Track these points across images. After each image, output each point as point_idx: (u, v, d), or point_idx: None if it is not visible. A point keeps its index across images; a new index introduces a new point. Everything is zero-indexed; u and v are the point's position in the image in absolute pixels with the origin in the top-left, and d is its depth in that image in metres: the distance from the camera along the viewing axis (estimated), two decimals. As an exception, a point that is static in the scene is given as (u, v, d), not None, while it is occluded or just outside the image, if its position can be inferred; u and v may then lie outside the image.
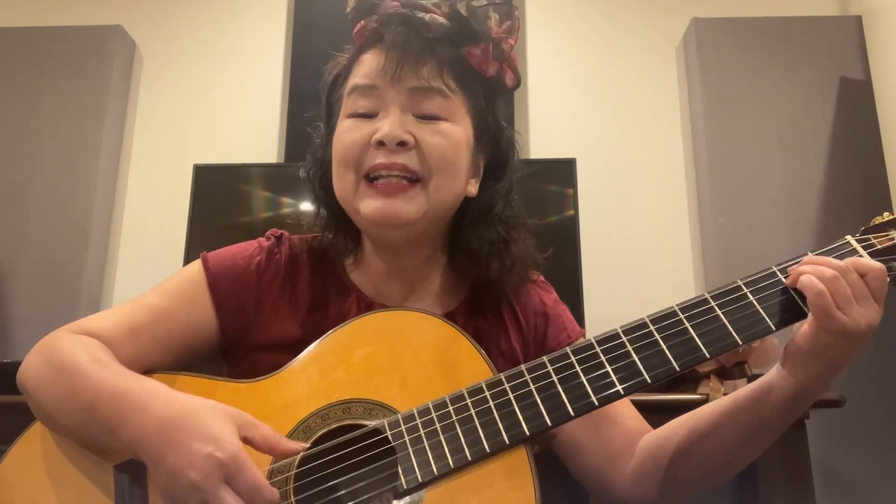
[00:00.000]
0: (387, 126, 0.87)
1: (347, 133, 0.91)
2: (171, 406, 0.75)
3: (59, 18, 2.52)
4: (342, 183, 0.92)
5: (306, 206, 1.04)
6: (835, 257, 0.79)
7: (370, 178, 0.89)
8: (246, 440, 0.73)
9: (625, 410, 0.96)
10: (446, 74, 0.90)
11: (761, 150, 2.22)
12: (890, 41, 2.12)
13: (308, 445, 0.77)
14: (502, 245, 0.96)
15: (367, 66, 0.91)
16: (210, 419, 0.72)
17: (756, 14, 2.37)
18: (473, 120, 0.94)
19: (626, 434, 0.93)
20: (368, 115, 0.90)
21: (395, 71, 0.88)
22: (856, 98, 2.24)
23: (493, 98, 0.97)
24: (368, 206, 0.89)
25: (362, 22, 0.94)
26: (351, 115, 0.91)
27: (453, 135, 0.90)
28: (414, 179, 0.89)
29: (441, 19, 0.90)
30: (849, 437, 1.97)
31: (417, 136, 0.88)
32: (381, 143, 0.87)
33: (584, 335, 1.02)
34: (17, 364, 0.87)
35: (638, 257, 2.28)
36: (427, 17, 0.89)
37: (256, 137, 2.42)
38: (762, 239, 2.13)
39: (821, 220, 2.14)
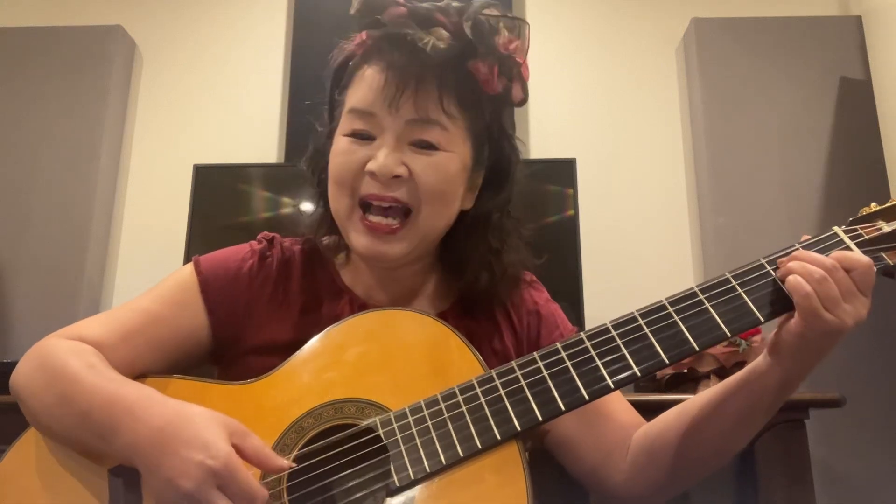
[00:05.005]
0: (381, 157, 0.86)
1: (342, 155, 0.90)
2: (163, 413, 0.74)
3: (59, 18, 2.52)
4: (337, 203, 0.92)
5: (306, 206, 1.04)
6: (823, 248, 0.79)
7: (364, 204, 0.89)
8: (236, 448, 0.72)
9: (617, 405, 0.95)
10: (447, 101, 0.87)
11: (761, 150, 2.22)
12: (890, 41, 2.12)
13: (295, 465, 0.77)
14: (493, 256, 0.96)
15: (367, 86, 0.89)
16: (202, 426, 0.72)
17: (756, 14, 2.37)
18: (474, 140, 0.92)
19: (620, 429, 0.93)
20: (365, 137, 0.89)
21: (393, 99, 0.86)
22: (856, 98, 2.23)
23: (499, 112, 0.95)
24: (358, 241, 0.90)
25: (364, 34, 0.92)
26: (348, 134, 0.90)
27: (448, 166, 0.89)
28: (405, 211, 0.89)
29: (442, 44, 0.86)
30: (849, 437, 1.96)
31: (411, 167, 0.87)
32: (374, 175, 0.87)
33: (576, 332, 1.01)
34: (16, 364, 0.86)
35: (638, 257, 2.27)
36: (429, 44, 0.86)
37: (256, 137, 2.42)
38: (762, 239, 2.12)
39: (821, 220, 2.14)
